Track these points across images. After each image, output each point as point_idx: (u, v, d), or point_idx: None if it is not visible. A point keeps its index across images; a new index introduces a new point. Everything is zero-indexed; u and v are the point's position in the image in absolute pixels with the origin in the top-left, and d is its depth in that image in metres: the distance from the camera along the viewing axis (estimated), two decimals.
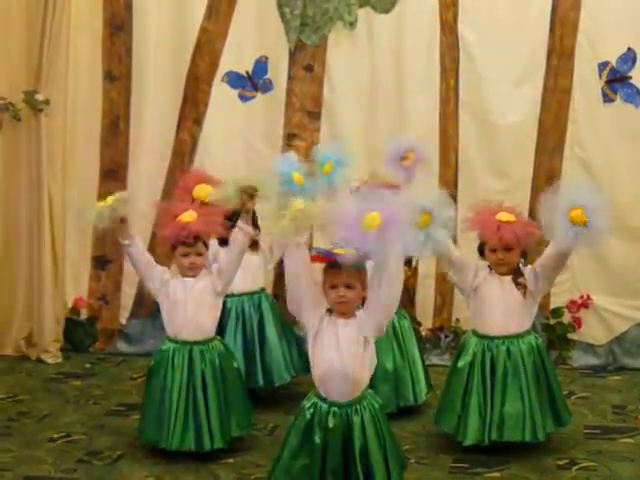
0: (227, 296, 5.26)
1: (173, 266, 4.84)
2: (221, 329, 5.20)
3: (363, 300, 3.71)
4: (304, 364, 4.90)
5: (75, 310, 6.71)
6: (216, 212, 4.69)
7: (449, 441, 4.78)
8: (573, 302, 6.23)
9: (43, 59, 6.34)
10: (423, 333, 6.17)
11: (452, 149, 6.29)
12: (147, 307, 6.45)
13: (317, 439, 3.69)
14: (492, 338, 4.66)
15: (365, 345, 3.68)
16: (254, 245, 5.40)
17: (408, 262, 5.31)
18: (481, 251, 4.70)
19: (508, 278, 4.64)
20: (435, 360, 6.13)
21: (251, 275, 5.49)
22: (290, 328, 5.56)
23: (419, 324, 6.21)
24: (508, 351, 4.63)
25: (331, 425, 3.68)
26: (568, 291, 6.21)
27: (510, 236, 4.49)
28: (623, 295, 6.20)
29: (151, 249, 4.93)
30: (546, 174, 6.18)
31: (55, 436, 5.05)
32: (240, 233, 4.71)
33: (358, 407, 3.71)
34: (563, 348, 6.19)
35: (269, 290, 5.89)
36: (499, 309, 4.64)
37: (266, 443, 4.91)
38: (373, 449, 3.70)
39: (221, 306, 4.89)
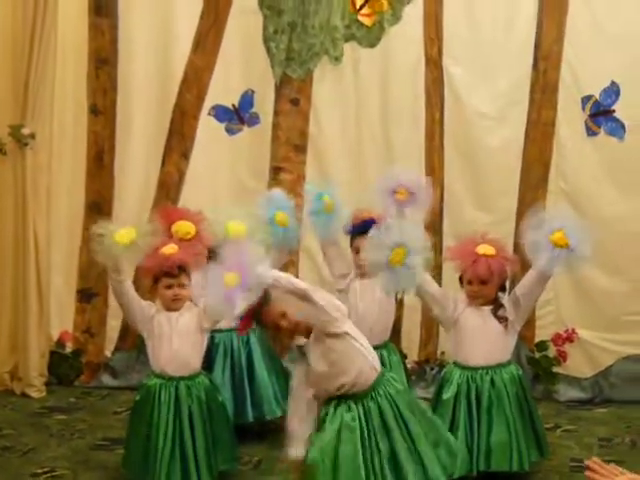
0: (215, 331, 5.27)
1: (157, 301, 4.82)
2: (209, 364, 5.18)
3: None
4: None
5: (60, 343, 6.69)
6: (198, 245, 4.70)
7: None
8: (558, 336, 6.23)
9: (29, 93, 6.34)
10: (409, 366, 6.16)
11: (437, 182, 6.31)
12: (132, 340, 6.43)
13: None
14: (475, 369, 4.65)
15: None
16: None
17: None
18: (462, 282, 4.70)
19: (487, 309, 4.64)
20: (421, 393, 6.10)
21: (238, 310, 5.47)
22: (278, 361, 5.55)
23: (405, 357, 6.20)
24: (492, 381, 4.62)
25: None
26: (553, 324, 6.22)
27: (483, 269, 4.51)
28: (608, 329, 6.20)
29: (135, 284, 4.90)
30: (530, 207, 6.18)
31: (39, 471, 5.02)
32: None
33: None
34: (548, 382, 6.19)
35: None
36: (480, 340, 4.64)
37: (251, 476, 4.90)
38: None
39: (207, 341, 4.85)
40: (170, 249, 4.64)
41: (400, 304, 6.13)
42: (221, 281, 3.63)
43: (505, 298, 4.67)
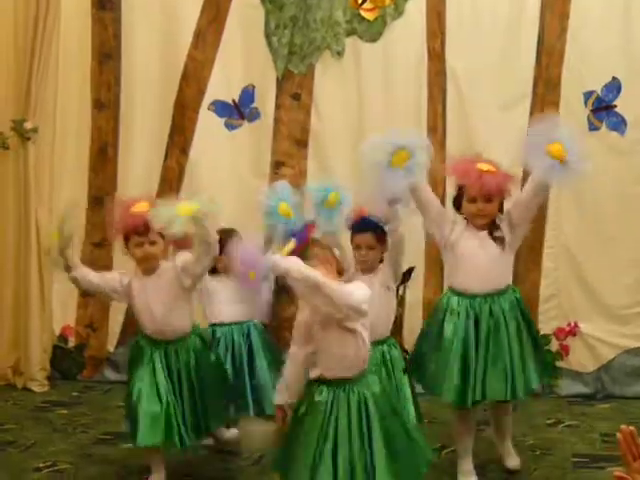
0: (216, 325, 5.32)
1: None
2: None
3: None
4: None
5: (63, 338, 6.70)
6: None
7: (440, 470, 4.76)
8: (561, 330, 6.24)
9: (32, 87, 6.36)
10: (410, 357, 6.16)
11: (440, 177, 6.29)
12: (135, 334, 6.42)
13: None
14: (473, 296, 4.53)
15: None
16: None
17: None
18: (457, 205, 4.59)
19: (484, 233, 4.52)
20: (421, 389, 6.11)
21: (240, 304, 5.49)
22: (280, 356, 5.55)
23: (406, 352, 6.20)
24: (490, 310, 4.50)
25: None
26: (555, 319, 6.23)
27: (492, 184, 4.39)
28: (610, 322, 6.21)
29: None
30: None
31: (41, 465, 5.03)
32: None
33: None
34: (553, 375, 6.19)
35: None
36: (479, 265, 4.51)
37: (252, 473, 4.90)
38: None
39: (193, 299, 4.76)
40: (141, 206, 4.49)
41: (402, 300, 6.14)
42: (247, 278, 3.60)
43: (500, 217, 4.54)
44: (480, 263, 4.53)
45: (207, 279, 5.32)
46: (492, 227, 4.53)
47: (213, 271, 5.35)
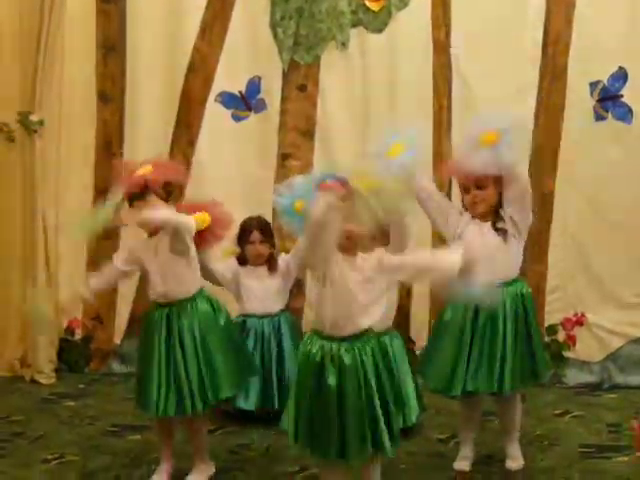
0: (247, 316, 5.45)
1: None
2: None
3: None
4: None
5: (70, 330, 6.71)
6: (173, 164, 4.44)
7: (443, 461, 4.77)
8: (567, 320, 6.24)
9: (37, 80, 6.35)
10: (417, 352, 6.16)
11: (446, 168, 6.29)
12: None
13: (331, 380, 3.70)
14: None
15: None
16: (272, 266, 5.50)
17: None
18: (464, 204, 4.55)
19: (488, 225, 4.47)
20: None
21: (271, 297, 5.53)
22: None
23: (413, 343, 6.21)
24: None
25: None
26: (562, 309, 6.23)
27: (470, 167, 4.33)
28: (617, 312, 6.21)
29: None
30: (539, 192, 6.18)
31: (49, 457, 5.03)
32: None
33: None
34: (558, 366, 6.20)
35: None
36: (481, 256, 4.31)
37: (262, 463, 4.90)
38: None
39: (195, 263, 4.63)
40: (144, 169, 4.40)
41: (408, 291, 6.15)
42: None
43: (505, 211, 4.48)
44: (484, 255, 4.49)
45: (240, 271, 5.39)
46: (495, 218, 4.49)
47: (243, 262, 5.41)
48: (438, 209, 4.57)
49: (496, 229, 4.48)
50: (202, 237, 4.79)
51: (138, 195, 4.39)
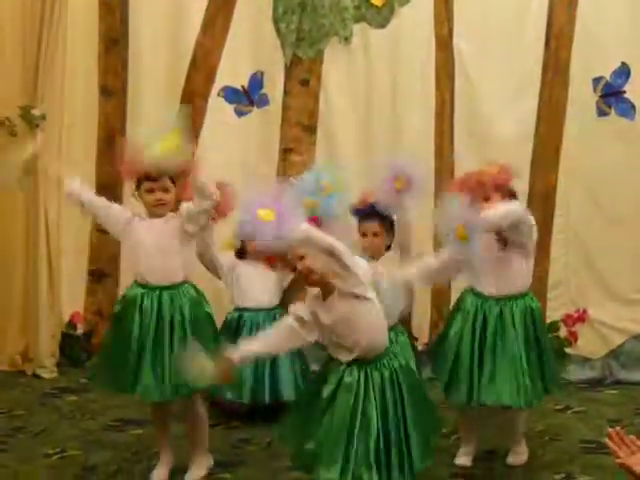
0: (243, 310, 5.47)
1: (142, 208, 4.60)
2: (235, 342, 5.16)
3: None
4: None
5: (72, 324, 6.71)
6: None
7: (445, 456, 4.77)
8: (569, 316, 6.24)
9: (39, 74, 6.35)
10: (420, 348, 6.17)
11: (448, 163, 6.30)
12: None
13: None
14: (486, 298, 4.57)
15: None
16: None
17: None
18: None
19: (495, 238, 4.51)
20: (431, 374, 6.11)
21: (268, 291, 5.54)
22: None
23: (415, 339, 6.21)
24: (500, 312, 4.52)
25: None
26: (564, 305, 6.23)
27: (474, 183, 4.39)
28: (619, 308, 6.22)
29: None
30: (541, 188, 6.20)
31: (50, 451, 5.03)
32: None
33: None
34: (559, 362, 6.19)
35: None
36: (489, 269, 4.49)
37: (262, 458, 4.91)
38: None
39: (194, 248, 4.66)
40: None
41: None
42: (254, 212, 3.39)
43: None
44: (491, 267, 4.51)
45: (237, 263, 5.39)
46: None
47: (242, 255, 5.40)
48: (447, 270, 4.46)
49: (498, 239, 4.52)
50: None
51: (152, 177, 4.38)
